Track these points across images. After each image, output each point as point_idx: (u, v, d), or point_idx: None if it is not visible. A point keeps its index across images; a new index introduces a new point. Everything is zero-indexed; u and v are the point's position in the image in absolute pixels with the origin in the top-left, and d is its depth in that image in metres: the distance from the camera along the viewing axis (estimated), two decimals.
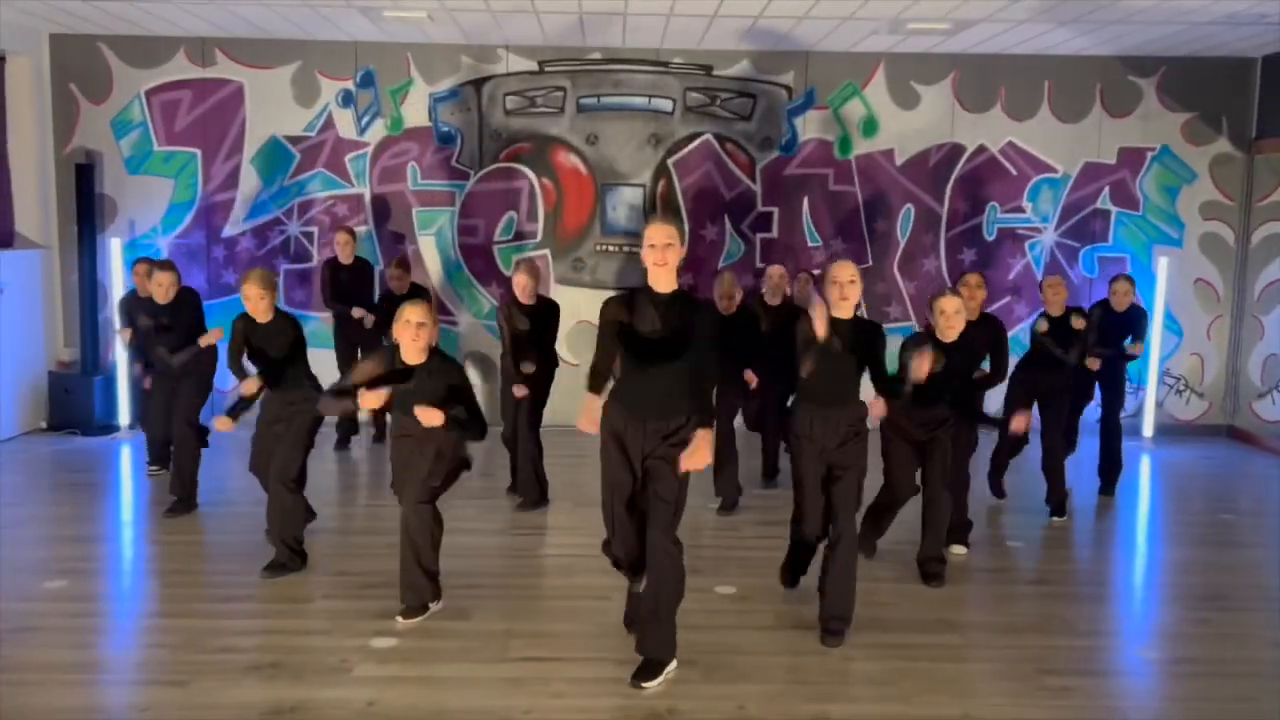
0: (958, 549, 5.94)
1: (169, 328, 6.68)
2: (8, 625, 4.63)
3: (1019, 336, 8.26)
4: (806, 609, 4.98)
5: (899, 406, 5.15)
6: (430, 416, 4.63)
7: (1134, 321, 7.23)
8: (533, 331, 6.53)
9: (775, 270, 7.27)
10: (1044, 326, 6.70)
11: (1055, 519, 6.72)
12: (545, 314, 6.62)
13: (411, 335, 4.73)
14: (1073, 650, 4.62)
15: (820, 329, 4.54)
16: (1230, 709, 4.13)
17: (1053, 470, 6.73)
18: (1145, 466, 8.40)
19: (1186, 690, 4.33)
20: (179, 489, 6.46)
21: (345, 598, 5.05)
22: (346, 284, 8.19)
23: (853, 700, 4.07)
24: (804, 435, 4.73)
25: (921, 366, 4.89)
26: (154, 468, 7.40)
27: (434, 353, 4.82)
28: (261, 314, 5.45)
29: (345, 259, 8.23)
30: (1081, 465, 7.75)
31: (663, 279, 4.11)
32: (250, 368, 5.58)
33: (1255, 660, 4.59)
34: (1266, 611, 5.19)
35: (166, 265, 6.76)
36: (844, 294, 4.64)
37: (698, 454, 3.99)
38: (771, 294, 7.17)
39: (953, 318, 5.33)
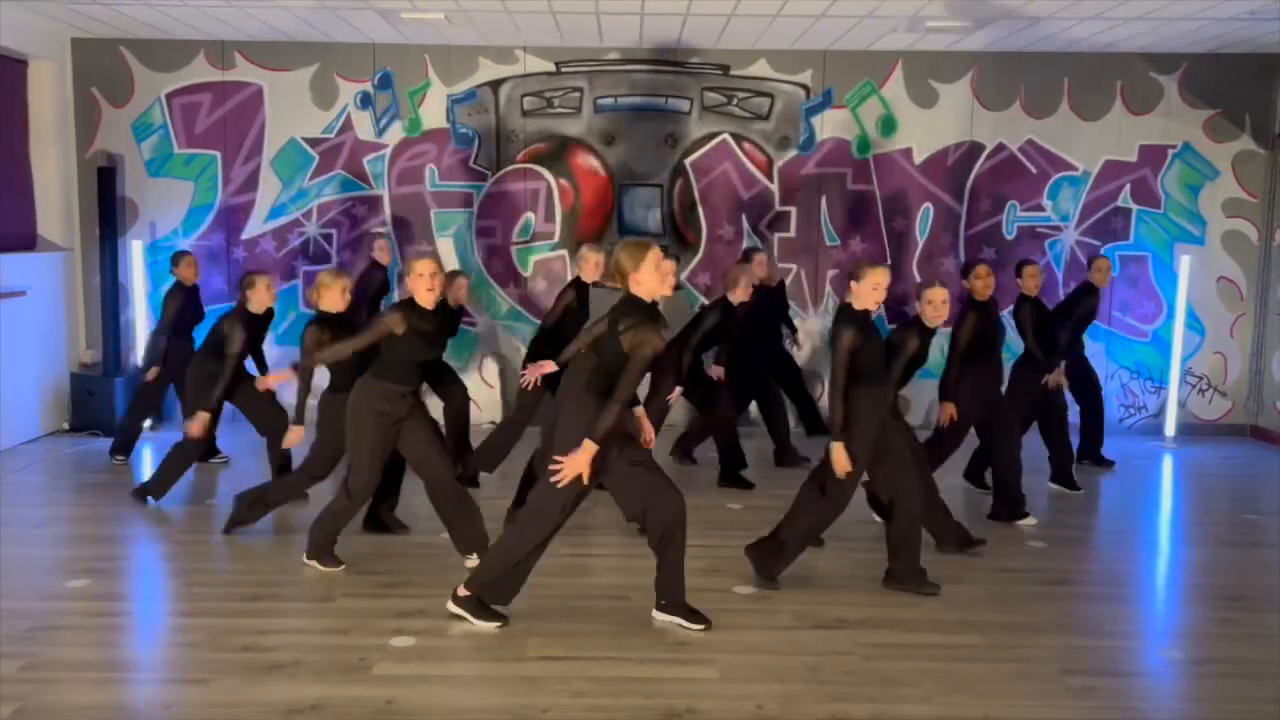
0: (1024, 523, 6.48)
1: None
2: (32, 624, 4.67)
3: None
4: (825, 609, 4.98)
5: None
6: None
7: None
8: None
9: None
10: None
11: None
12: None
13: (427, 285, 5.07)
14: (1096, 650, 4.59)
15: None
16: (1255, 710, 4.08)
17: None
18: (1168, 466, 8.34)
19: (1210, 691, 4.29)
20: (159, 489, 6.70)
21: (365, 597, 5.07)
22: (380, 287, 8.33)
23: (872, 700, 4.05)
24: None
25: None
26: (120, 458, 7.74)
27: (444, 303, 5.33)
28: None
29: (385, 262, 8.40)
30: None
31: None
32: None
33: (1277, 661, 4.53)
34: None
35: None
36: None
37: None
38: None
39: (940, 307, 5.61)
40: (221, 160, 9.03)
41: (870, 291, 5.05)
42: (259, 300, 6.56)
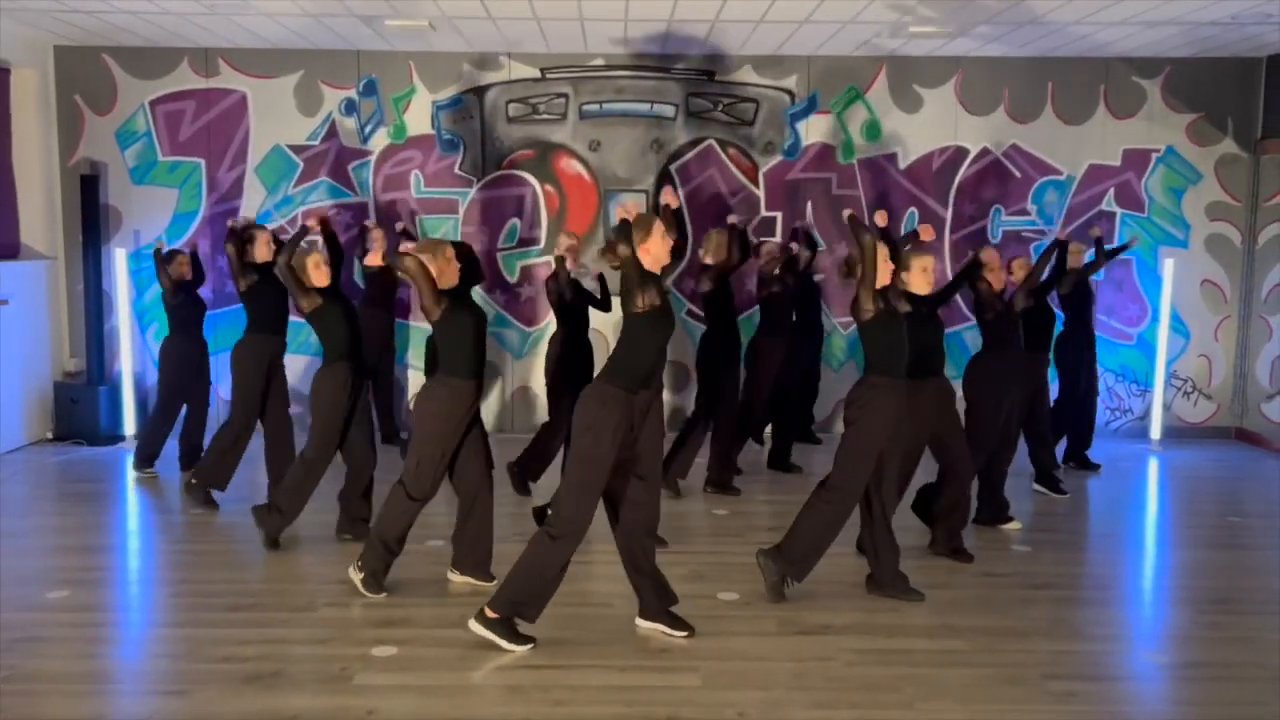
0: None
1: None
2: (11, 635, 4.64)
3: None
4: (810, 615, 4.97)
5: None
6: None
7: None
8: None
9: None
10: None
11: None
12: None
13: (457, 268, 5.09)
14: (1078, 655, 4.59)
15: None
16: (1237, 713, 4.09)
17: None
18: (1153, 469, 8.36)
19: (1193, 694, 4.30)
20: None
21: (346, 606, 5.05)
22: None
23: (854, 706, 4.04)
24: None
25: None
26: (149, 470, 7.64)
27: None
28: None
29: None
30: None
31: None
32: None
33: (1264, 664, 4.54)
34: (1276, 615, 5.14)
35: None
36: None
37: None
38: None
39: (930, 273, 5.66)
40: (206, 167, 9.00)
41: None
42: (259, 254, 6.65)
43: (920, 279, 5.48)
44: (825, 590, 5.27)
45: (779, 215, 9.16)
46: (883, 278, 5.00)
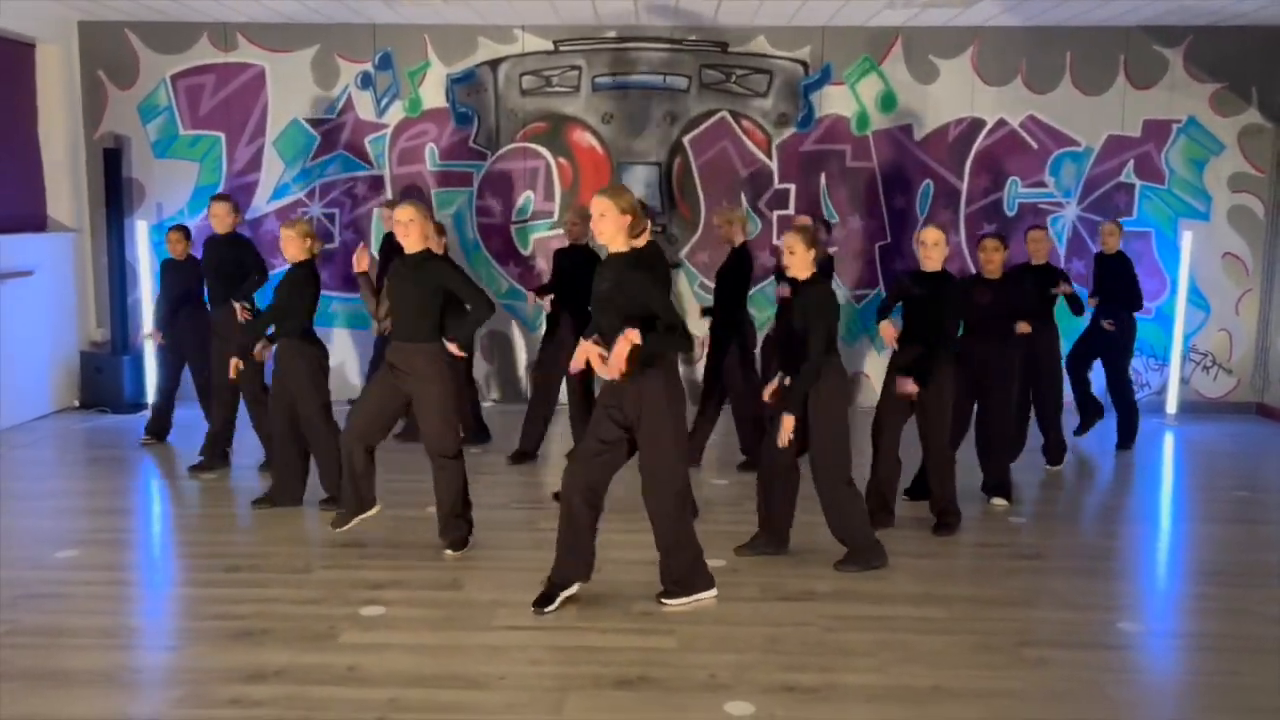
0: (999, 501, 6.35)
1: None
2: (18, 592, 4.81)
3: None
4: (793, 581, 5.02)
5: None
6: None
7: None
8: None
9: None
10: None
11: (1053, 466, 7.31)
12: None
13: (402, 233, 5.18)
14: (1058, 623, 4.60)
15: None
16: (1208, 681, 4.08)
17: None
18: (1168, 443, 8.28)
19: (1167, 663, 4.30)
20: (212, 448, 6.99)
21: (342, 568, 5.17)
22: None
23: (825, 670, 4.09)
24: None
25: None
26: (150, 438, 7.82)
27: (428, 253, 5.21)
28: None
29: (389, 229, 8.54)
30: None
31: (608, 245, 4.54)
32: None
33: (1246, 635, 4.53)
34: (1267, 588, 5.11)
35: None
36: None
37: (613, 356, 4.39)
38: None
39: (931, 249, 5.63)
40: (225, 141, 9.15)
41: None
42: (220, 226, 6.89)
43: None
44: (814, 558, 5.31)
45: (792, 187, 9.14)
46: None
